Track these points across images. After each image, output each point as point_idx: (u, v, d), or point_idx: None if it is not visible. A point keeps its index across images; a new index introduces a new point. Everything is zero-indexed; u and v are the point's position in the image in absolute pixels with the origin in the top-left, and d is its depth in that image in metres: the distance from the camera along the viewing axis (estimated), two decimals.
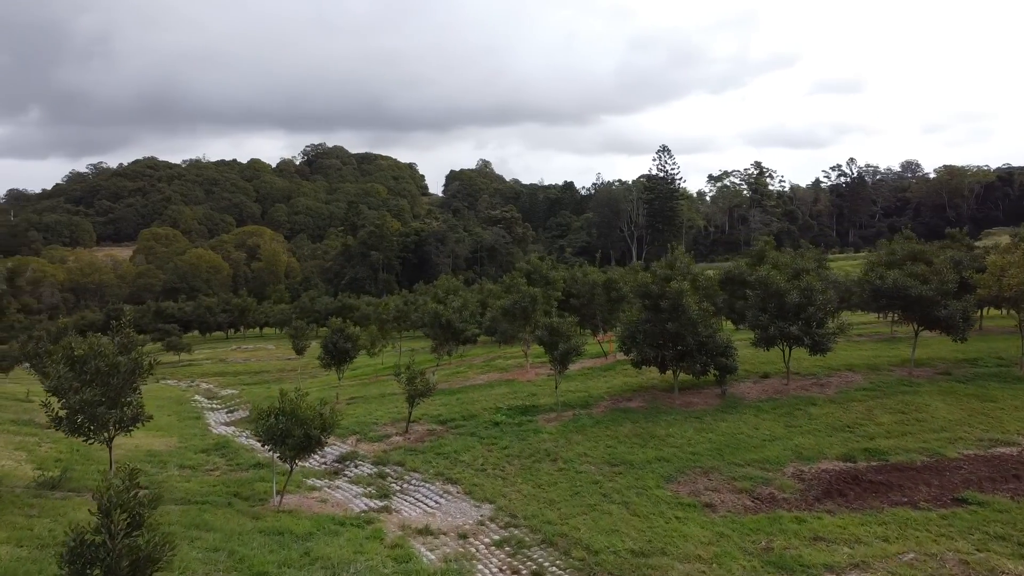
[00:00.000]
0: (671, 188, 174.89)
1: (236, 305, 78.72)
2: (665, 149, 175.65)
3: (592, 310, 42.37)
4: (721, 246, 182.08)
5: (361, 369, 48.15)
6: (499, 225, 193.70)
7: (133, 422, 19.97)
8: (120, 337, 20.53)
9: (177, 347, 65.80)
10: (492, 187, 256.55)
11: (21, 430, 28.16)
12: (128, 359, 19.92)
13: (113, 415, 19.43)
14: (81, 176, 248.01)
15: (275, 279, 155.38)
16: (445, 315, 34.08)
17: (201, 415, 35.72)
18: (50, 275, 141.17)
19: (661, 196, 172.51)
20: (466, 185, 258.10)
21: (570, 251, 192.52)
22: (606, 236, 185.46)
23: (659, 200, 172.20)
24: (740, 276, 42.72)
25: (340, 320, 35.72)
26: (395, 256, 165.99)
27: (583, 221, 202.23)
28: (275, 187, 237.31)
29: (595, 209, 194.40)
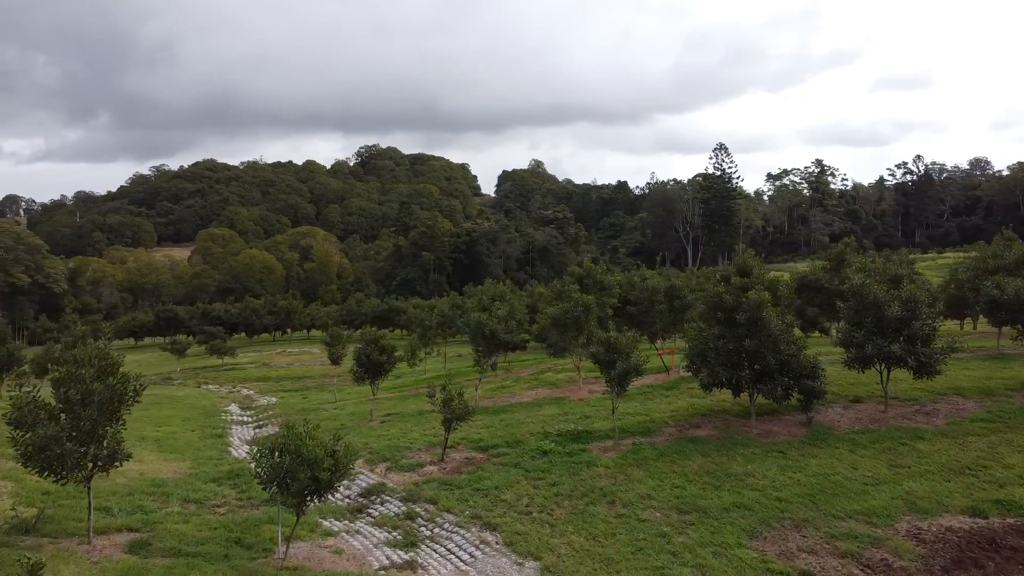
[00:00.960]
0: (728, 187, 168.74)
1: (282, 307, 76.45)
2: (722, 147, 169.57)
3: (651, 319, 38.26)
4: (780, 247, 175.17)
5: (403, 378, 44.87)
6: (551, 225, 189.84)
7: (109, 461, 16.69)
8: (98, 357, 17.30)
9: (220, 351, 63.57)
10: (544, 187, 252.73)
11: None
12: (106, 386, 16.67)
13: (88, 452, 16.20)
14: (144, 178, 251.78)
15: (327, 280, 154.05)
16: (489, 325, 30.40)
17: (226, 432, 32.74)
18: (109, 275, 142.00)
19: (718, 195, 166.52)
20: (518, 185, 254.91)
21: (624, 251, 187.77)
22: (660, 236, 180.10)
23: (716, 199, 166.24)
24: (816, 282, 38.24)
25: (374, 329, 32.33)
26: (446, 257, 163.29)
27: (637, 221, 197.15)
28: (329, 188, 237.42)
29: (649, 209, 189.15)
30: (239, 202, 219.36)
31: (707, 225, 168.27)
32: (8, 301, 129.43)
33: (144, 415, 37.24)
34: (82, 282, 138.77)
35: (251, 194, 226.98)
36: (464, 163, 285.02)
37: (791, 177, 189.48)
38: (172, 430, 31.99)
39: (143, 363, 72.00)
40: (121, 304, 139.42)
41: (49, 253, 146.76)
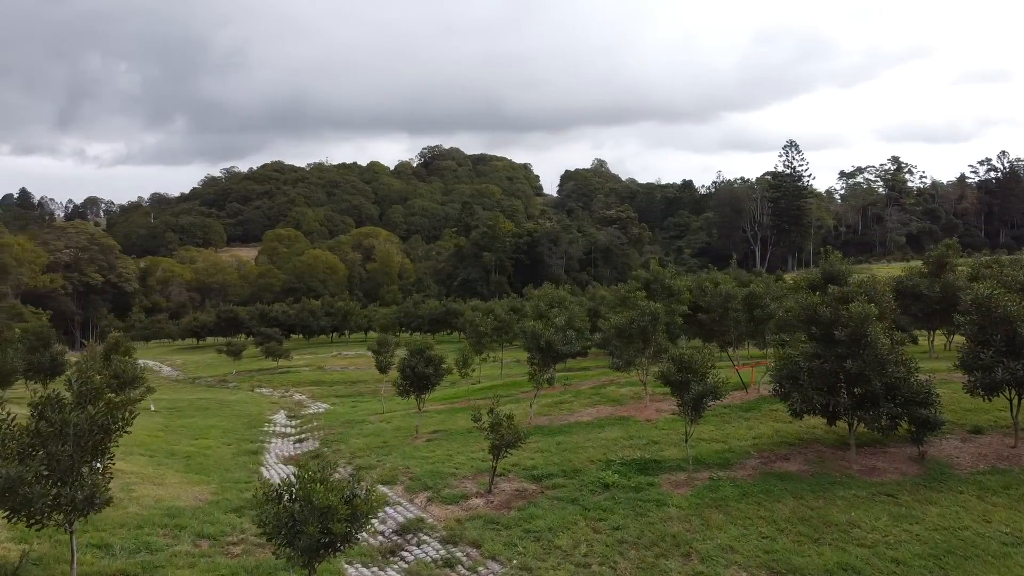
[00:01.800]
0: (798, 186, 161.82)
1: (339, 309, 74.67)
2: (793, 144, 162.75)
3: (725, 327, 34.49)
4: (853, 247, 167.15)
5: (454, 387, 42.00)
6: (614, 225, 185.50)
7: (87, 506, 14.01)
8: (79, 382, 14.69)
9: (275, 353, 61.88)
10: (607, 187, 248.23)
11: None
12: (84, 417, 14.01)
13: (62, 495, 13.56)
14: (215, 180, 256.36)
15: (388, 280, 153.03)
16: (545, 335, 27.19)
17: (263, 447, 30.30)
18: (178, 275, 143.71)
19: (788, 194, 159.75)
20: (581, 185, 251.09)
21: (689, 252, 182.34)
22: (727, 237, 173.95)
23: (785, 198, 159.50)
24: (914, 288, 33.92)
25: (420, 336, 29.45)
26: (507, 257, 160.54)
27: (702, 221, 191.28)
28: (393, 189, 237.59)
29: (715, 208, 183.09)
30: (305, 203, 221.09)
31: (776, 225, 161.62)
32: (83, 299, 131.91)
33: (186, 424, 35.26)
34: (152, 281, 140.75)
35: (317, 195, 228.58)
36: (526, 163, 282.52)
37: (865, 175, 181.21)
38: (207, 444, 29.72)
39: (202, 364, 71.08)
40: (189, 303, 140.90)
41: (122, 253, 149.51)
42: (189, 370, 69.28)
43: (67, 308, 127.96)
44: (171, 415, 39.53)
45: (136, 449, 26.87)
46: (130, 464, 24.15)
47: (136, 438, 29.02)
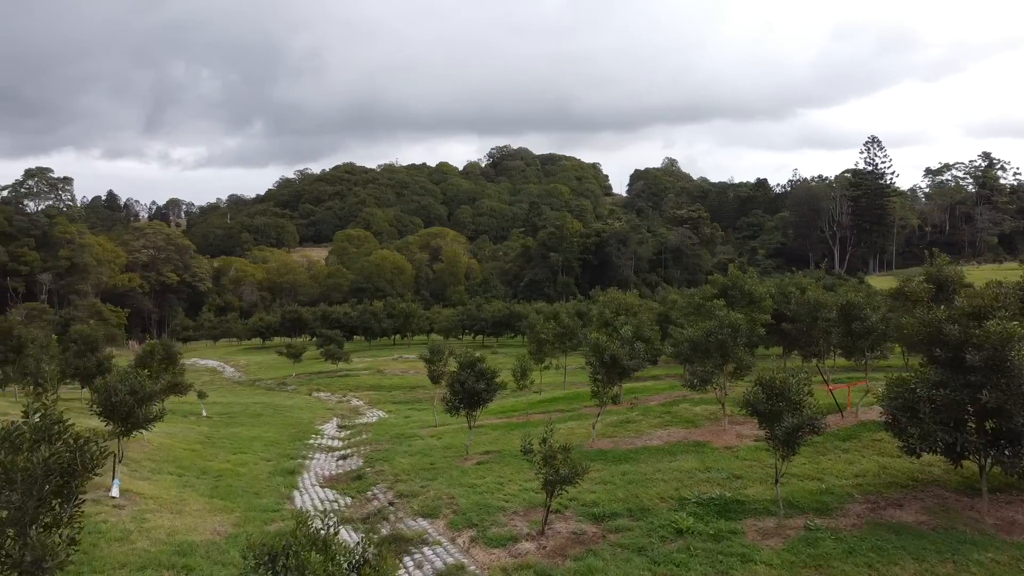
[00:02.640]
0: (881, 184, 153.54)
1: (401, 310, 72.72)
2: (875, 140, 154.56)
3: (813, 339, 30.58)
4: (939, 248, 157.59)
5: (512, 399, 39.01)
6: (685, 225, 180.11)
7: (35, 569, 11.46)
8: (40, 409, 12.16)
9: (335, 356, 60.11)
10: (678, 186, 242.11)
11: None
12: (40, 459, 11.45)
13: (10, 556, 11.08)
14: (289, 182, 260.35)
15: (455, 281, 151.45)
16: (610, 349, 23.97)
17: (303, 464, 27.91)
18: (250, 274, 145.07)
19: (869, 192, 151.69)
20: (651, 184, 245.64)
21: (763, 253, 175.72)
22: (804, 237, 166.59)
23: (867, 197, 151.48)
24: None
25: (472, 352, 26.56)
26: (575, 258, 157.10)
27: (777, 221, 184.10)
28: (461, 189, 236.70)
29: (791, 208, 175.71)
30: (375, 204, 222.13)
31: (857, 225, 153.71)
32: (159, 298, 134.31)
33: (229, 435, 33.28)
34: (225, 281, 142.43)
35: (386, 196, 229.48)
36: (595, 162, 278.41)
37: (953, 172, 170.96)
38: (244, 460, 27.51)
39: (264, 365, 70.05)
40: (260, 302, 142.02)
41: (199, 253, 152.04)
42: (251, 371, 68.29)
43: (144, 306, 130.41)
44: (219, 423, 37.72)
45: (167, 466, 24.80)
46: (153, 486, 21.98)
47: (171, 453, 27.04)
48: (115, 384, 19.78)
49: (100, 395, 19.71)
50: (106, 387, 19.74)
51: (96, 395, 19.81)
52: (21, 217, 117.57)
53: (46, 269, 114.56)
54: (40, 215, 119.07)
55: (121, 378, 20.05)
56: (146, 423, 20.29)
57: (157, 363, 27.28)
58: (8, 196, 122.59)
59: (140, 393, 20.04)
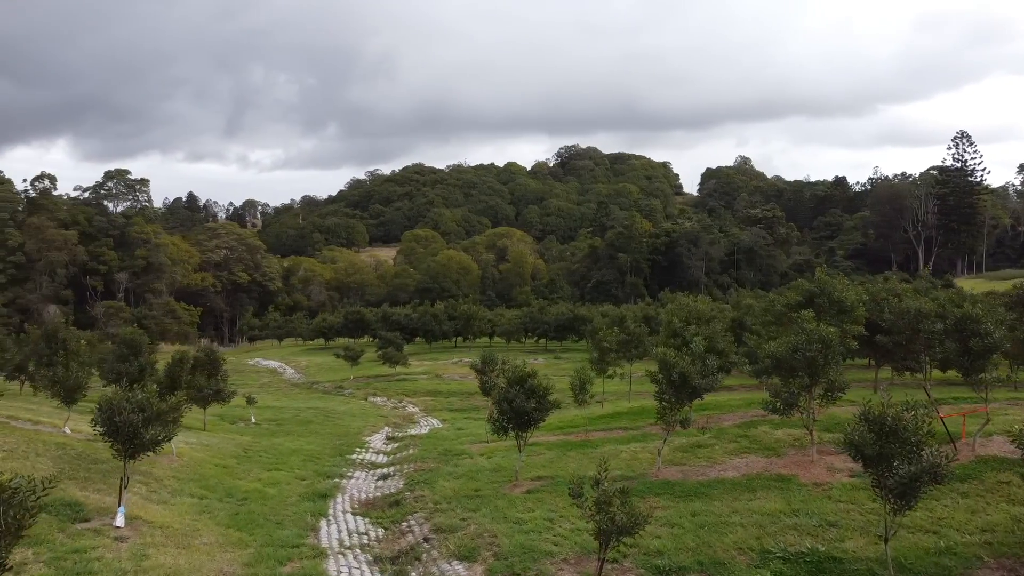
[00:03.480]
0: (970, 181, 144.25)
1: (463, 312, 70.38)
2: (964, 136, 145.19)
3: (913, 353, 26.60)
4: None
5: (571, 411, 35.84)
6: (759, 225, 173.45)
7: None
8: None
9: (393, 359, 58.11)
10: (751, 185, 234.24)
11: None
12: None
13: None
14: (359, 183, 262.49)
15: (521, 281, 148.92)
16: (679, 366, 20.75)
17: (342, 483, 25.50)
18: (318, 274, 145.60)
19: (957, 191, 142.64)
20: (723, 183, 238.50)
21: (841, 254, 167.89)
22: (885, 237, 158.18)
23: (955, 195, 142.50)
24: None
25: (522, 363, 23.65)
26: (644, 258, 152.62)
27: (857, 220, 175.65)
28: (529, 189, 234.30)
29: (872, 207, 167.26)
30: (443, 204, 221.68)
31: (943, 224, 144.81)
32: (231, 297, 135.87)
33: (269, 447, 31.20)
34: (295, 280, 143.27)
35: (454, 196, 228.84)
36: (665, 161, 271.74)
37: None
38: (277, 479, 25.26)
39: (324, 367, 68.70)
40: (328, 302, 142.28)
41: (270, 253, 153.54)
42: (311, 373, 67.00)
43: (216, 305, 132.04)
44: (264, 431, 35.84)
45: (190, 486, 22.67)
46: (168, 511, 19.79)
47: (199, 469, 24.97)
48: (120, 401, 17.62)
49: (103, 413, 17.59)
50: (110, 404, 17.60)
51: (99, 412, 17.68)
52: (101, 217, 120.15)
53: (123, 268, 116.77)
54: (118, 216, 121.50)
55: (127, 394, 17.89)
56: (154, 445, 18.08)
57: (188, 373, 25.17)
58: (89, 197, 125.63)
59: (148, 411, 17.85)
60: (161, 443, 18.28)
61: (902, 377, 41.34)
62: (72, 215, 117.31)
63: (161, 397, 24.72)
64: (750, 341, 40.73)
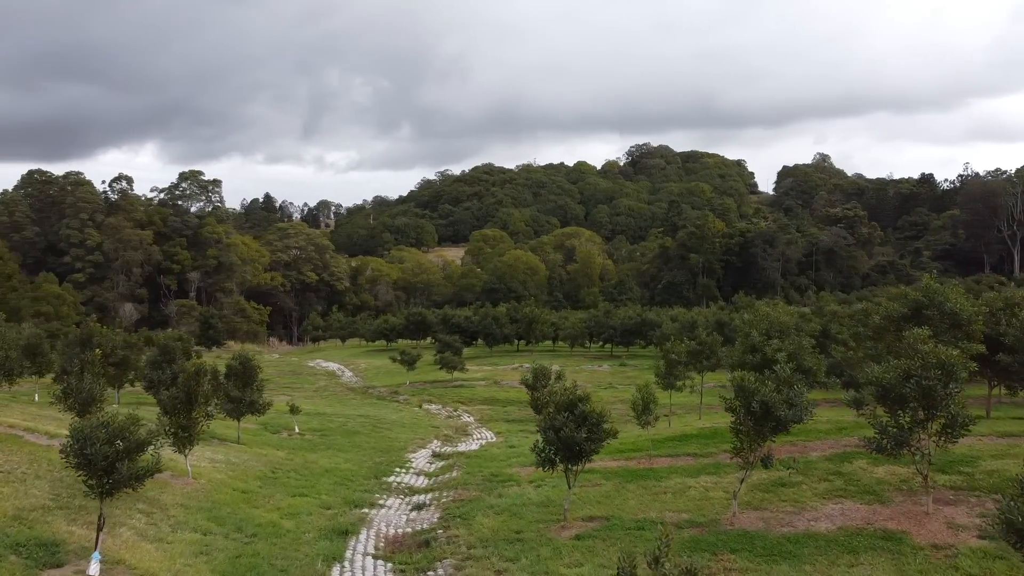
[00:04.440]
0: None
1: (524, 315, 67.10)
2: None
3: None
4: None
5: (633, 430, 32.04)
6: (839, 224, 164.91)
7: None
8: None
9: (450, 365, 55.28)
10: (831, 183, 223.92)
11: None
12: None
13: None
14: (429, 183, 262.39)
15: (589, 282, 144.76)
16: (760, 393, 16.94)
17: (370, 515, 22.52)
18: (385, 274, 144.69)
19: None
20: (800, 182, 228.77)
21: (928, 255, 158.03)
22: (977, 237, 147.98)
23: None
24: None
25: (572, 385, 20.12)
26: (716, 259, 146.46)
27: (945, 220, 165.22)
28: (598, 188, 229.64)
29: (963, 205, 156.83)
30: (512, 204, 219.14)
31: None
32: (300, 296, 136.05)
33: (300, 467, 28.48)
34: (362, 280, 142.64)
35: (523, 196, 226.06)
36: (740, 159, 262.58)
37: None
38: (298, 508, 22.43)
39: (382, 370, 66.46)
40: (395, 302, 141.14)
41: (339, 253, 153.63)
42: (368, 377, 64.85)
43: (285, 304, 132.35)
44: (303, 445, 33.29)
45: (197, 517, 19.98)
46: (159, 553, 17.03)
47: (214, 495, 22.28)
48: (92, 430, 14.94)
49: (74, 442, 14.94)
50: (81, 433, 14.94)
51: (70, 442, 15.05)
52: (175, 218, 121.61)
53: (196, 267, 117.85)
54: (192, 216, 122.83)
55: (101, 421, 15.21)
56: (134, 481, 15.35)
57: (205, 389, 22.60)
58: (164, 198, 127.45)
59: (128, 442, 15.14)
60: (144, 479, 15.54)
61: (1014, 396, 36.25)
62: (148, 215, 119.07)
63: (174, 414, 22.48)
64: (837, 353, 36.20)
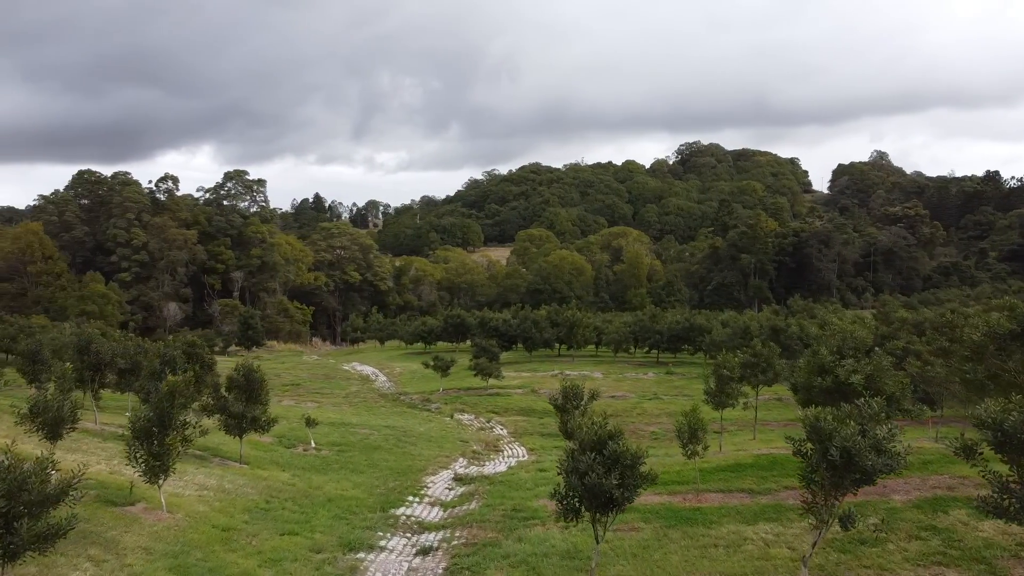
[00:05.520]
0: None
1: (566, 319, 63.26)
2: None
3: None
4: None
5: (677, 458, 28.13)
6: (899, 224, 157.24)
7: None
8: None
9: (485, 371, 51.86)
10: (889, 181, 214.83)
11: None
12: None
13: None
14: (476, 183, 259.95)
15: (636, 283, 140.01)
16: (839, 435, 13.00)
17: (363, 562, 19.09)
18: (429, 274, 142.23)
19: None
20: (856, 180, 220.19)
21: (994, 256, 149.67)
22: None
23: None
24: None
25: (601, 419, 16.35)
26: (769, 260, 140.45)
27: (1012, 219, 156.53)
28: (647, 187, 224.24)
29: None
30: (559, 203, 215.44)
31: None
32: (343, 296, 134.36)
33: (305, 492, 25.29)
34: (405, 280, 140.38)
35: (570, 195, 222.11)
36: (793, 157, 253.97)
37: None
38: (286, 550, 19.13)
39: (416, 375, 63.36)
40: (439, 302, 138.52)
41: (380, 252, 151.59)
42: (402, 382, 61.80)
43: (329, 304, 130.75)
44: (313, 464, 30.15)
45: (158, 565, 16.78)
46: None
47: (188, 535, 19.06)
48: None
49: None
50: None
51: None
52: (219, 217, 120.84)
53: (239, 267, 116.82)
54: (236, 215, 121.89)
55: None
56: (41, 543, 12.15)
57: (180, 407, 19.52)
58: (210, 198, 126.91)
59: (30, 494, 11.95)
60: (53, 539, 12.33)
61: None
62: (193, 215, 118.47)
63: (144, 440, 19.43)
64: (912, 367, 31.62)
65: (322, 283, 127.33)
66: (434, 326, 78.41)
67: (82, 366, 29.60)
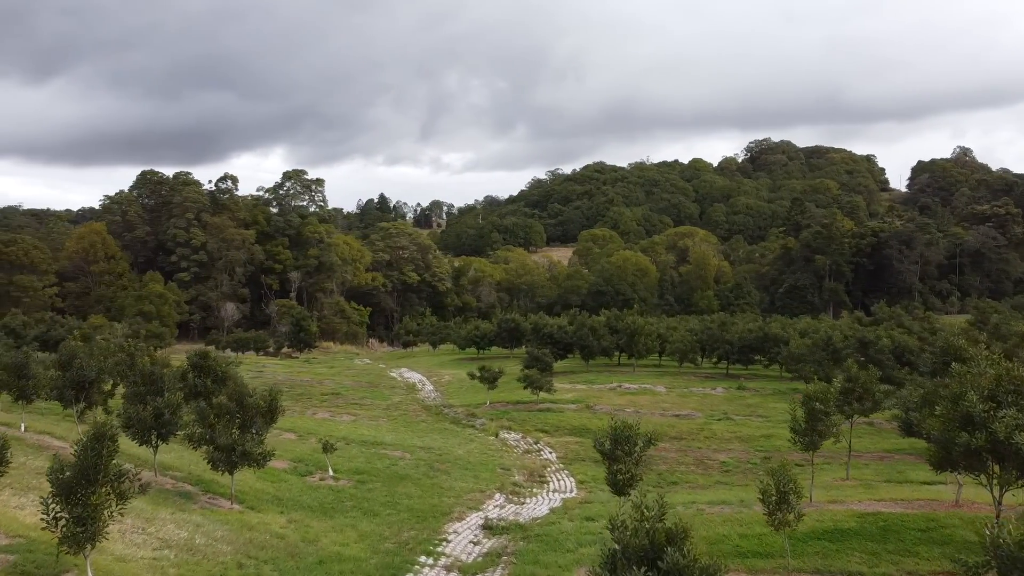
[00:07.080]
0: None
1: (626, 326, 57.54)
2: None
3: None
4: None
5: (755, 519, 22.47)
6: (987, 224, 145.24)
7: None
8: None
9: (535, 384, 46.72)
10: (973, 178, 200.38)
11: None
12: None
13: None
14: (540, 182, 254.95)
15: (703, 285, 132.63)
16: None
17: None
18: (488, 275, 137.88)
19: None
20: (937, 177, 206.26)
21: None
22: None
23: None
24: None
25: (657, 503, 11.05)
26: (845, 261, 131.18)
27: None
28: (715, 186, 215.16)
29: None
30: (623, 202, 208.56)
31: None
32: (401, 297, 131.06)
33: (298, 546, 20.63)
34: (464, 281, 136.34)
35: (635, 194, 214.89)
36: (869, 155, 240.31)
37: None
38: None
39: (464, 385, 58.57)
40: (498, 303, 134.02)
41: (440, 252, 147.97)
42: (449, 392, 57.16)
43: (387, 305, 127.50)
44: (320, 503, 25.55)
45: None
46: None
47: None
48: None
49: None
50: None
51: None
52: (278, 217, 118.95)
53: (297, 267, 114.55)
54: (294, 215, 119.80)
55: None
56: None
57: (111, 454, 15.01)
58: (269, 197, 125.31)
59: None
60: None
61: None
62: (252, 215, 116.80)
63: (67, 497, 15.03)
64: None
65: (380, 283, 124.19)
66: (487, 331, 73.64)
67: (63, 383, 25.63)
